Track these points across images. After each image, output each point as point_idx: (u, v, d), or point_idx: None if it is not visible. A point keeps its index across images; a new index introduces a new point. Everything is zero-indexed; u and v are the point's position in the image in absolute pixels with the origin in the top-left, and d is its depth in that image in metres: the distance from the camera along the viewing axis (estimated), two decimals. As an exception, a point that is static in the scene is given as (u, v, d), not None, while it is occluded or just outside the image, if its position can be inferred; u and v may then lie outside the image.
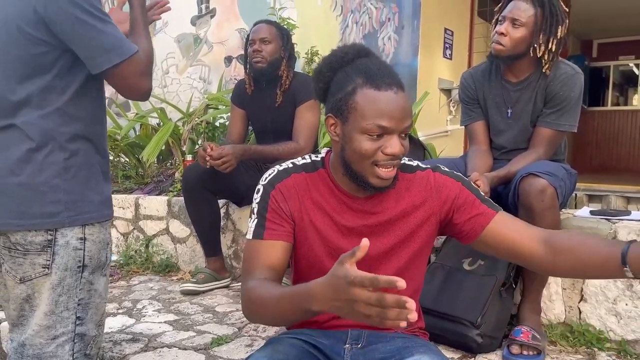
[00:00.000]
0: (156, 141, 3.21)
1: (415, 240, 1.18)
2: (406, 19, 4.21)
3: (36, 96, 1.21)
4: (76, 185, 1.24)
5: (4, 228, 1.23)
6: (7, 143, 1.21)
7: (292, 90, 2.48)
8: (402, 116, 1.04)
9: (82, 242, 1.25)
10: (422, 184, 1.17)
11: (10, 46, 1.21)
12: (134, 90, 1.26)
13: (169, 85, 5.48)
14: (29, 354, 1.25)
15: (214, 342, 1.87)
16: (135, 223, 2.97)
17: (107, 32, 1.20)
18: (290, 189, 1.17)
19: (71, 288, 1.26)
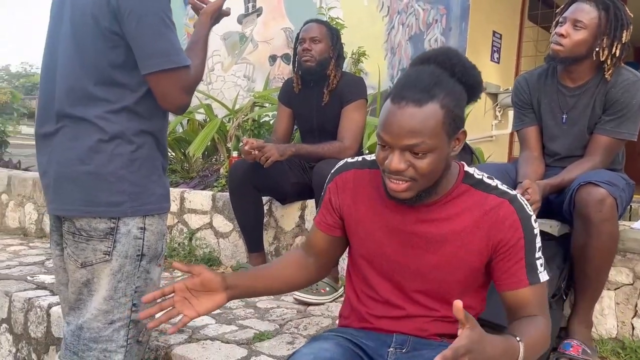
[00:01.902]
0: (202, 137, 3.27)
1: (463, 268, 1.13)
2: (454, 21, 4.14)
3: (110, 91, 1.25)
4: (140, 178, 1.28)
5: (71, 214, 1.28)
6: (78, 134, 1.26)
7: (339, 90, 2.48)
8: (398, 132, 1.00)
9: (142, 232, 1.30)
10: (490, 212, 1.10)
11: (87, 38, 1.25)
12: (171, 101, 1.26)
13: (214, 82, 5.57)
14: (86, 336, 1.30)
15: (256, 338, 1.88)
16: (180, 216, 3.03)
17: (166, 38, 1.22)
18: (346, 183, 1.21)
19: (130, 275, 1.30)
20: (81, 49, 1.26)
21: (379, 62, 4.16)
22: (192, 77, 1.28)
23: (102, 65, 1.24)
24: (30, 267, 2.77)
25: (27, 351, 2.26)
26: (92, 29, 1.23)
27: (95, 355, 1.30)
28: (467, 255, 1.12)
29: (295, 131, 2.94)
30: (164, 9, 1.22)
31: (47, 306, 2.18)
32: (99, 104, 1.25)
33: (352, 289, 1.26)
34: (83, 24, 1.25)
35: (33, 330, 2.22)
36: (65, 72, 1.28)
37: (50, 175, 1.32)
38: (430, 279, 1.15)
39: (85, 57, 1.25)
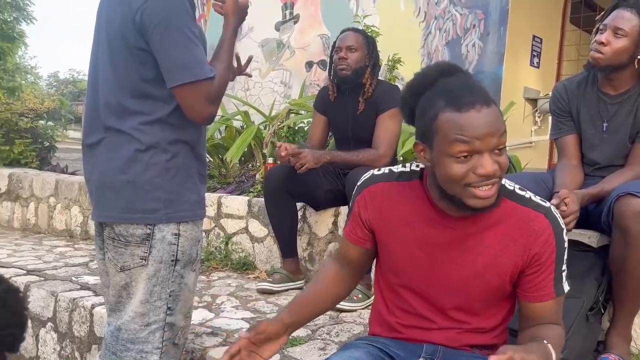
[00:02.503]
0: (239, 143, 3.34)
1: (496, 280, 1.13)
2: (492, 25, 4.09)
3: (143, 104, 1.31)
4: (175, 185, 1.32)
5: (110, 220, 1.34)
6: (117, 145, 1.32)
7: (374, 98, 2.49)
8: (488, 133, 0.99)
9: (177, 238, 1.34)
10: (525, 225, 1.10)
11: (119, 55, 1.31)
12: (196, 112, 1.29)
13: (252, 88, 5.66)
14: (124, 337, 1.35)
15: (288, 342, 1.91)
16: (217, 221, 3.10)
17: (189, 51, 1.25)
18: (374, 196, 1.19)
19: (164, 280, 1.35)
20: (115, 65, 1.32)
21: (415, 68, 4.12)
22: (217, 87, 1.30)
23: (135, 80, 1.30)
24: (75, 268, 2.89)
25: (70, 349, 2.36)
26: (123, 46, 1.29)
27: (132, 355, 1.35)
28: (500, 268, 1.11)
29: (330, 138, 2.96)
30: (187, 23, 1.26)
31: (91, 306, 2.27)
32: (134, 117, 1.30)
33: (381, 299, 1.26)
34: (115, 42, 1.31)
35: (77, 329, 2.32)
36: (104, 87, 1.35)
37: (93, 184, 1.39)
38: (463, 293, 1.15)
39: (120, 73, 1.31)
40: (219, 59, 1.38)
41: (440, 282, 1.15)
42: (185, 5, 1.27)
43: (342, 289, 1.32)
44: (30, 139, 4.66)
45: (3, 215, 4.12)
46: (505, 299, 1.18)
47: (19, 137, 4.60)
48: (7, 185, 4.10)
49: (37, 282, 2.58)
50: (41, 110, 5.00)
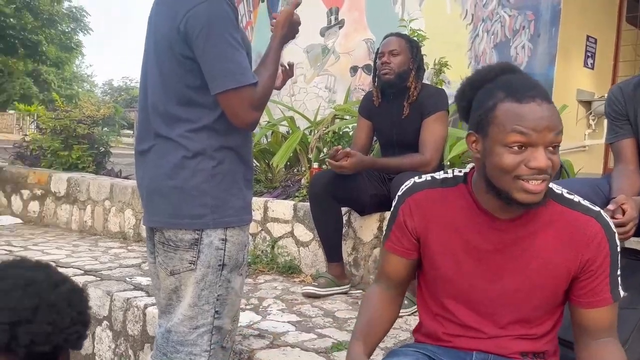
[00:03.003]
0: (285, 148, 3.38)
1: (548, 285, 1.10)
2: (543, 26, 3.97)
3: (190, 112, 1.34)
4: (221, 191, 1.35)
5: (160, 225, 1.38)
6: (166, 151, 1.36)
7: (419, 102, 2.48)
8: (546, 127, 0.99)
9: (224, 243, 1.36)
10: (576, 230, 1.08)
11: (165, 65, 1.35)
12: (239, 118, 1.31)
13: (297, 94, 5.72)
14: (174, 339, 1.39)
15: (334, 347, 1.92)
16: (263, 225, 3.15)
17: (232, 58, 1.26)
18: (419, 204, 1.17)
19: (212, 284, 1.37)
20: (163, 74, 1.36)
21: (462, 71, 4.07)
22: (260, 93, 1.32)
23: (181, 88, 1.33)
24: (128, 269, 3.00)
25: (124, 347, 2.46)
26: (169, 55, 1.33)
27: (182, 357, 1.39)
28: (553, 272, 1.09)
29: (375, 143, 2.96)
30: (229, 30, 1.27)
31: (143, 306, 2.36)
32: (181, 124, 1.34)
33: (425, 310, 1.24)
34: (162, 50, 1.35)
35: (130, 328, 2.41)
36: (153, 94, 1.39)
37: (144, 189, 1.44)
38: (512, 301, 1.12)
39: (166, 81, 1.35)
40: (265, 66, 1.40)
41: (487, 288, 1.13)
42: (226, 12, 1.28)
43: (394, 310, 1.30)
44: (87, 144, 4.88)
45: (62, 217, 4.33)
46: (557, 305, 1.15)
47: (77, 143, 4.83)
48: (66, 189, 4.31)
49: (93, 282, 2.70)
50: (97, 117, 5.23)
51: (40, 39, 20.77)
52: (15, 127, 19.06)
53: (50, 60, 22.31)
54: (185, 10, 1.27)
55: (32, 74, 25.12)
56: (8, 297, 0.82)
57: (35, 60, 22.19)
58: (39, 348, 0.83)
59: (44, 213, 4.45)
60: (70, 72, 28.69)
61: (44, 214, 4.45)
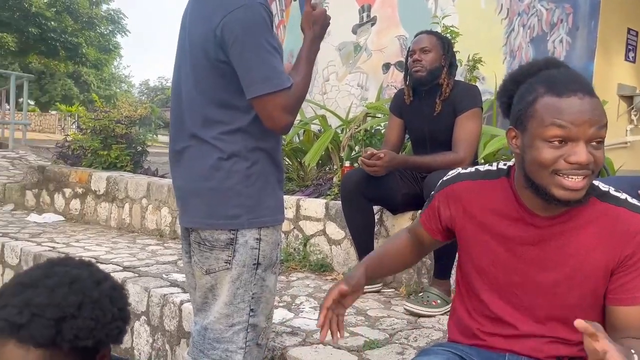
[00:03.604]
0: (317, 147, 3.40)
1: (586, 284, 1.08)
2: (581, 19, 3.86)
3: (224, 114, 1.36)
4: (255, 192, 1.37)
5: (196, 225, 1.41)
6: (201, 153, 1.39)
7: (452, 99, 2.45)
8: (586, 120, 0.96)
9: (258, 242, 1.39)
10: (619, 226, 1.05)
11: (200, 68, 1.37)
12: (274, 122, 1.32)
13: (329, 92, 5.73)
14: (210, 337, 1.42)
15: (366, 346, 1.93)
16: (296, 223, 3.17)
17: (267, 63, 1.28)
18: (456, 195, 1.20)
19: (247, 283, 1.40)
20: (198, 78, 1.38)
21: (497, 66, 4.00)
22: (294, 97, 1.33)
23: (216, 91, 1.35)
24: (165, 265, 3.08)
25: (161, 342, 2.52)
26: (204, 60, 1.35)
27: (219, 354, 1.42)
28: (590, 271, 1.07)
29: (407, 141, 2.95)
30: (265, 35, 1.28)
31: (180, 302, 2.41)
32: (216, 126, 1.36)
33: (462, 304, 1.25)
34: (197, 53, 1.37)
35: (167, 323, 2.48)
36: (188, 98, 1.41)
37: (179, 190, 1.48)
38: (548, 297, 1.11)
39: (201, 83, 1.37)
40: (297, 70, 1.40)
41: (523, 283, 1.12)
42: (262, 17, 1.29)
43: (410, 259, 1.39)
44: (125, 144, 5.02)
45: (102, 215, 4.47)
46: (597, 307, 1.12)
47: (116, 143, 4.97)
48: (105, 187, 4.45)
49: (132, 278, 2.78)
50: (135, 117, 5.36)
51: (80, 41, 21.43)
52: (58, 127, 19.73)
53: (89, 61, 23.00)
54: (222, 15, 1.29)
55: (73, 75, 25.96)
56: (54, 294, 0.86)
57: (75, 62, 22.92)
58: (82, 343, 0.86)
59: (85, 211, 4.60)
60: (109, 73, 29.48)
61: (84, 212, 4.60)
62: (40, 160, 6.13)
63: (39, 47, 20.91)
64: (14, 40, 19.86)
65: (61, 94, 25.34)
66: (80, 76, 26.17)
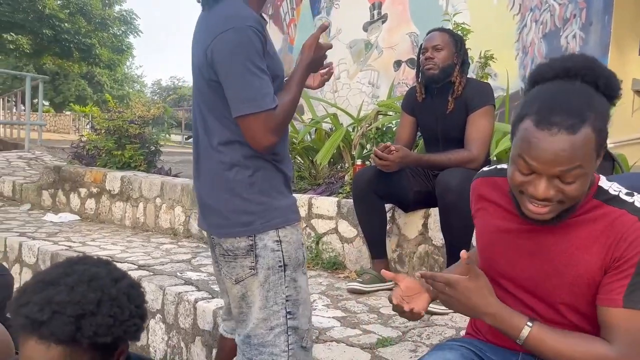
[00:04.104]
0: (329, 145, 3.41)
1: (579, 284, 1.06)
2: (595, 14, 3.83)
3: (223, 126, 1.40)
4: (262, 197, 1.40)
5: (216, 236, 1.45)
6: (210, 162, 1.44)
7: (464, 97, 2.45)
8: (550, 160, 0.94)
9: (279, 244, 1.40)
10: (616, 228, 1.03)
11: (200, 83, 1.43)
12: (256, 142, 1.34)
13: (340, 90, 5.74)
14: (254, 342, 1.44)
15: (379, 343, 1.94)
16: (308, 221, 3.19)
17: (251, 84, 1.31)
18: (474, 190, 1.25)
19: (276, 285, 1.41)
20: (200, 91, 1.44)
21: (509, 63, 3.98)
22: (279, 118, 1.34)
23: (214, 105, 1.40)
24: (179, 264, 3.11)
25: (176, 339, 2.56)
26: (200, 77, 1.41)
27: (265, 358, 1.42)
28: (584, 271, 1.06)
29: (418, 139, 2.95)
30: (251, 58, 1.30)
31: (194, 300, 2.44)
32: (217, 137, 1.40)
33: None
34: (196, 72, 1.44)
35: (182, 321, 2.51)
36: (196, 107, 1.48)
37: (199, 199, 1.52)
38: (556, 295, 1.10)
39: (203, 97, 1.43)
40: (287, 90, 1.42)
41: (528, 281, 1.12)
42: (250, 40, 1.31)
43: None
44: (139, 143, 5.07)
45: (116, 214, 4.53)
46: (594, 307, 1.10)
47: (129, 143, 5.02)
48: (120, 187, 4.50)
49: (147, 276, 2.81)
50: (148, 117, 5.42)
51: (94, 42, 21.63)
52: (72, 128, 19.95)
53: (103, 62, 23.20)
54: (213, 37, 1.32)
55: (86, 75, 26.23)
56: (74, 292, 0.89)
57: (89, 63, 23.14)
58: (101, 339, 0.89)
59: (100, 210, 4.66)
60: (122, 73, 29.75)
61: (99, 211, 4.66)
62: (56, 160, 6.21)
63: (53, 48, 21.15)
64: (29, 42, 20.12)
65: (75, 94, 25.62)
66: (93, 77, 26.43)
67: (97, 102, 24.20)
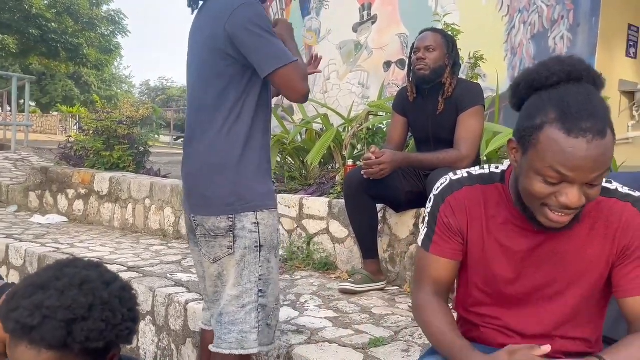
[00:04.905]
0: (320, 146, 3.40)
1: (586, 280, 1.07)
2: (582, 16, 3.86)
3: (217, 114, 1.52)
4: (247, 181, 1.50)
5: (198, 213, 1.54)
6: (198, 149, 1.55)
7: (454, 98, 2.46)
8: (590, 168, 0.91)
9: (256, 226, 1.51)
10: (612, 217, 1.04)
11: (207, 64, 1.52)
12: (296, 90, 1.47)
13: (330, 90, 5.73)
14: (226, 320, 1.52)
15: (372, 343, 1.94)
16: (299, 222, 3.18)
17: (275, 44, 1.45)
18: (460, 202, 1.13)
19: (251, 264, 1.51)
20: (200, 74, 1.56)
21: (498, 64, 4.00)
22: (305, 67, 1.50)
23: (212, 91, 1.51)
24: (169, 265, 3.09)
25: (167, 342, 2.54)
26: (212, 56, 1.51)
27: (235, 336, 1.51)
28: (588, 267, 1.07)
29: (409, 139, 2.95)
30: (266, 25, 1.46)
31: (185, 302, 2.43)
32: (211, 122, 1.52)
33: (464, 310, 1.23)
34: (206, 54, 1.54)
35: (172, 323, 2.49)
36: (193, 92, 1.59)
37: (184, 176, 1.63)
38: (551, 301, 1.11)
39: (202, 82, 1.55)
40: (295, 54, 1.58)
41: (525, 288, 1.11)
42: (262, 12, 1.47)
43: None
44: (128, 144, 5.03)
45: (105, 216, 4.48)
46: (597, 301, 1.12)
47: (118, 143, 4.98)
48: (109, 188, 4.46)
49: (137, 278, 2.79)
50: (136, 118, 5.37)
51: (81, 42, 21.39)
52: (59, 129, 19.74)
53: (90, 62, 22.96)
54: (229, 14, 1.45)
55: (74, 76, 25.97)
56: (64, 296, 0.87)
57: (76, 63, 22.89)
58: (93, 344, 0.87)
59: (88, 211, 4.62)
60: (110, 73, 29.48)
61: (88, 213, 4.62)
62: (43, 161, 6.14)
63: (40, 48, 20.89)
64: (15, 42, 19.85)
65: (62, 95, 25.36)
66: (81, 77, 26.17)
67: (85, 103, 23.98)
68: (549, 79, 0.98)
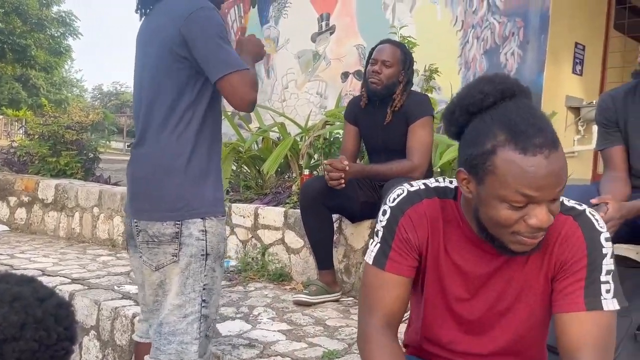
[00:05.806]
0: (276, 155, 3.37)
1: (531, 296, 1.04)
2: (532, 33, 4.00)
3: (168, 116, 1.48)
4: (195, 187, 1.47)
5: (143, 219, 1.48)
6: (147, 152, 1.52)
7: (404, 109, 2.49)
8: (554, 183, 0.88)
9: (204, 234, 1.46)
10: (552, 230, 0.98)
11: (161, 65, 1.50)
12: (241, 98, 1.45)
13: (288, 99, 5.71)
14: (166, 331, 1.46)
15: (325, 356, 1.91)
16: (254, 232, 3.13)
17: (227, 51, 1.45)
18: (421, 217, 1.06)
19: (196, 273, 1.46)
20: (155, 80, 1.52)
21: (452, 77, 4.09)
22: (253, 77, 1.48)
23: (166, 94, 1.49)
24: (117, 277, 2.97)
25: (112, 358, 2.42)
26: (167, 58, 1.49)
27: (174, 347, 1.45)
28: (530, 281, 1.04)
29: (363, 149, 2.96)
30: (221, 32, 1.45)
31: (132, 315, 2.32)
32: (162, 124, 1.49)
33: (414, 330, 1.21)
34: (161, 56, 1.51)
35: (118, 337, 2.38)
36: (142, 95, 1.56)
37: (129, 179, 1.58)
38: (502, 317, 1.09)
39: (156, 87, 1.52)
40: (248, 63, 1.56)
41: (477, 307, 1.08)
42: (218, 17, 1.47)
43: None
44: (76, 150, 4.83)
45: (49, 225, 4.28)
46: (544, 316, 1.10)
47: (65, 149, 4.77)
48: (54, 196, 4.26)
49: (81, 290, 2.66)
50: (86, 123, 5.17)
51: (29, 43, 20.60)
52: (3, 133, 18.85)
53: (39, 64, 22.12)
54: (185, 16, 1.44)
55: (21, 78, 24.89)
56: (-7, 314, 0.80)
57: (23, 65, 22.01)
58: (24, 366, 0.80)
59: (32, 220, 4.39)
60: (60, 76, 28.47)
61: (31, 221, 4.40)
62: (-16, 167, 5.81)
63: (-16, 48, 20.00)
64: (-43, 41, 18.93)
65: (8, 97, 24.23)
66: (28, 79, 25.12)
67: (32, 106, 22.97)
68: (485, 100, 0.94)
